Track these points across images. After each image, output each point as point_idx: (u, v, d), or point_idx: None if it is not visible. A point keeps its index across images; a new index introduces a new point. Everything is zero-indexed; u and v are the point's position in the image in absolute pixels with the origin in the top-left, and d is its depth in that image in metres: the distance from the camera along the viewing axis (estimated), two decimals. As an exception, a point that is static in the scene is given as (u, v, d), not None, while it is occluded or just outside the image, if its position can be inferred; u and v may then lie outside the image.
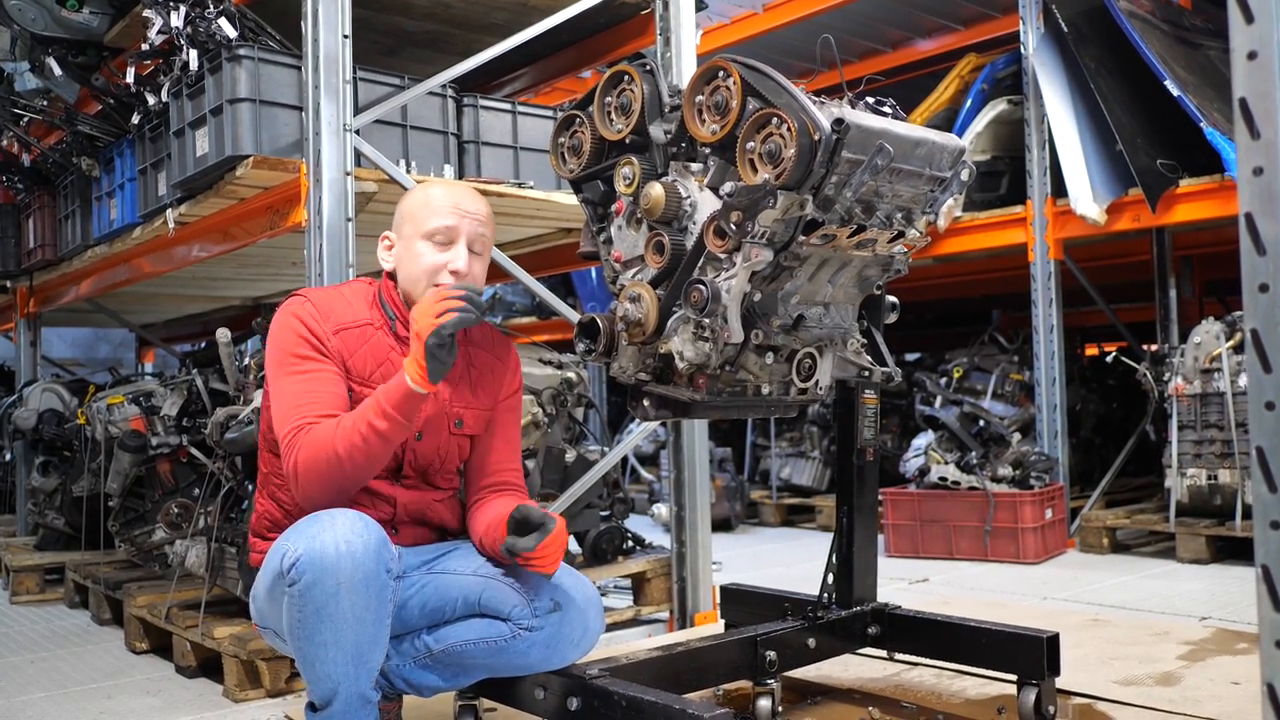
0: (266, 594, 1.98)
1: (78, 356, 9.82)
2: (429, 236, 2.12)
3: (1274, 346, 1.19)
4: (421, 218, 2.13)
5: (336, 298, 2.17)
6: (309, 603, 1.83)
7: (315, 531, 1.85)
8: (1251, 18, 1.21)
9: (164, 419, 3.70)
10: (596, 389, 8.59)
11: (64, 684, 3.22)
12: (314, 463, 1.95)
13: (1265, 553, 1.21)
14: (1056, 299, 5.40)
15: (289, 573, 1.84)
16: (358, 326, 2.13)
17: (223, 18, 3.19)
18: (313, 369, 2.06)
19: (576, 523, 3.91)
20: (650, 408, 2.22)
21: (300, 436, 1.97)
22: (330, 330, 2.09)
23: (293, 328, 2.08)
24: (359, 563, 1.83)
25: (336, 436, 1.95)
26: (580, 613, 2.09)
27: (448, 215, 2.13)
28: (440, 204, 2.14)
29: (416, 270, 2.12)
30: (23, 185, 5.26)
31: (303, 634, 1.86)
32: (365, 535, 1.86)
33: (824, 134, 1.87)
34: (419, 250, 2.12)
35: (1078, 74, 5.18)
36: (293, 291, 2.22)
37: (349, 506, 1.98)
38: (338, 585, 1.82)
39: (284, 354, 2.07)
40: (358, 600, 1.84)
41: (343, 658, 1.87)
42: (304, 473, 1.96)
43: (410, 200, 2.20)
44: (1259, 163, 1.20)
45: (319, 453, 1.95)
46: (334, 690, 1.89)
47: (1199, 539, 4.67)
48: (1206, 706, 2.40)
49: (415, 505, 2.21)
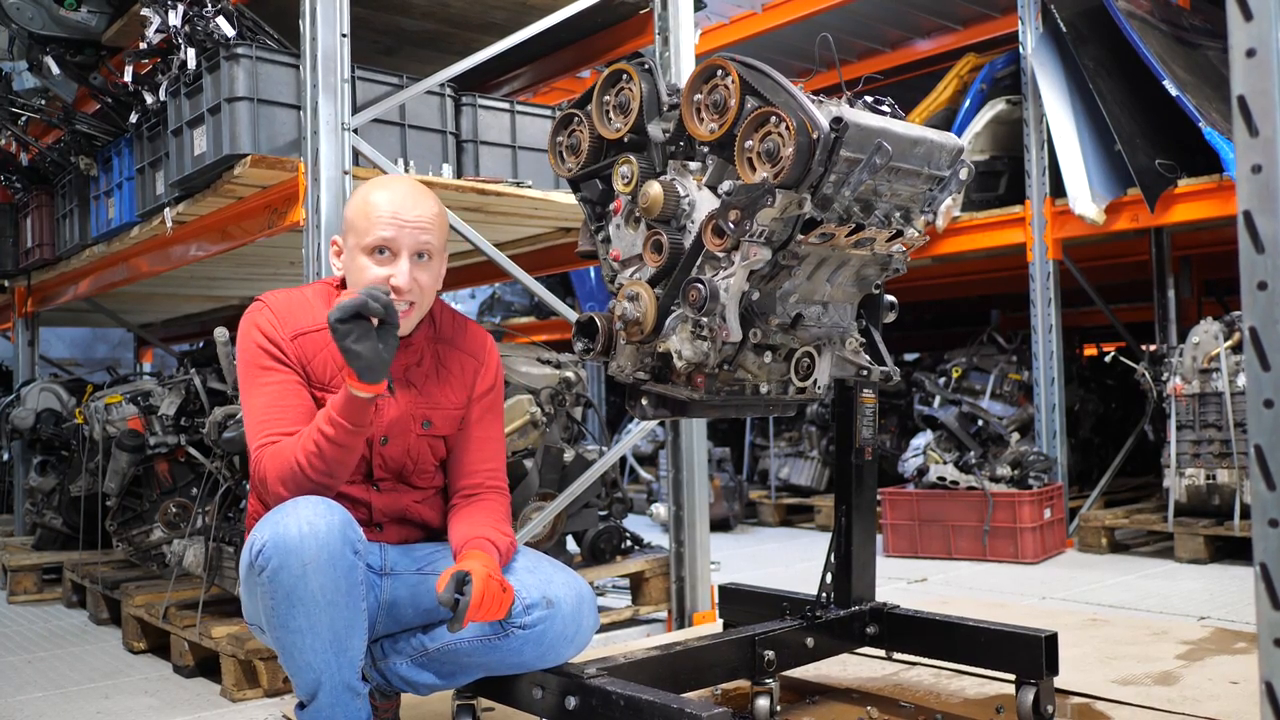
0: (245, 589, 1.99)
1: (76, 356, 9.81)
2: (369, 250, 2.05)
3: (1272, 344, 1.18)
4: (361, 229, 2.06)
5: (297, 302, 2.15)
6: (278, 588, 1.84)
7: (279, 518, 1.87)
8: (1250, 15, 1.21)
9: (162, 418, 3.70)
10: (595, 388, 8.59)
11: (61, 684, 3.22)
12: (280, 475, 1.97)
13: (1264, 550, 1.21)
14: (1055, 299, 5.39)
15: (257, 560, 1.86)
16: (316, 330, 2.10)
17: (221, 16, 3.18)
18: (275, 381, 2.06)
19: (575, 522, 3.91)
20: (648, 407, 2.22)
21: (265, 452, 2.00)
22: (288, 336, 2.09)
23: (252, 338, 2.08)
24: (323, 542, 1.84)
25: (296, 448, 1.96)
26: (573, 610, 2.09)
27: (386, 227, 2.04)
28: (380, 214, 2.05)
29: (359, 285, 2.05)
30: (20, 184, 5.25)
31: (278, 622, 1.87)
32: (328, 515, 1.87)
33: (822, 132, 1.87)
34: (361, 264, 2.06)
35: (1076, 74, 5.18)
36: (256, 296, 2.19)
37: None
38: (304, 566, 1.83)
39: (247, 366, 2.08)
40: (325, 579, 1.84)
41: (320, 644, 1.87)
42: (273, 486, 1.98)
43: (352, 207, 2.13)
44: (1258, 160, 1.20)
45: (283, 466, 1.96)
46: (317, 681, 1.89)
47: (1197, 539, 4.67)
48: (1205, 706, 2.40)
49: (393, 508, 2.20)
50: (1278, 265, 1.18)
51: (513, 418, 3.43)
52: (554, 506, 3.50)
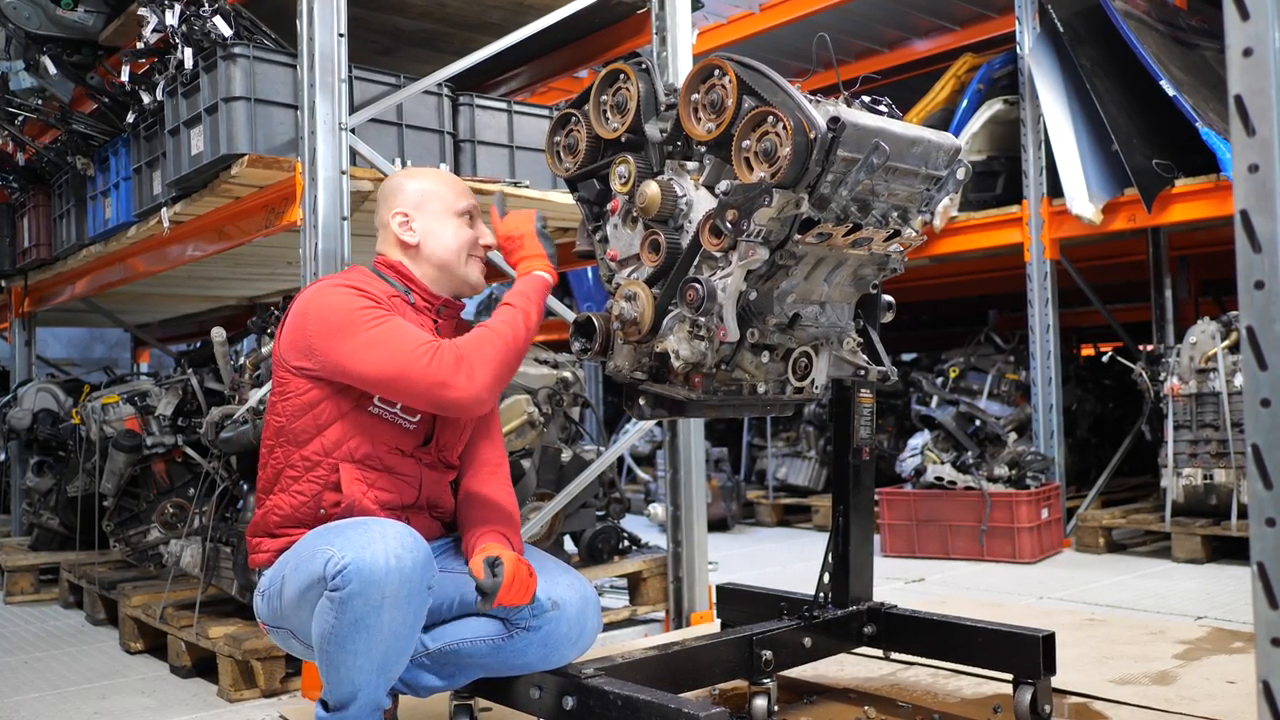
0: (298, 596, 1.94)
1: (73, 356, 9.80)
2: (460, 214, 2.24)
3: (1269, 343, 1.18)
4: (450, 197, 2.24)
5: (365, 277, 2.16)
6: (349, 611, 1.82)
7: (365, 541, 1.83)
8: (1247, 15, 1.21)
9: (159, 419, 3.69)
10: (592, 388, 8.60)
11: (59, 684, 3.21)
12: (483, 353, 1.98)
13: (1260, 549, 1.21)
14: (1052, 299, 5.40)
15: (334, 579, 1.82)
16: (389, 298, 2.12)
17: (218, 16, 3.18)
18: (391, 319, 2.02)
19: (572, 522, 3.90)
20: (646, 407, 2.22)
21: (446, 350, 1.96)
22: (381, 296, 2.08)
23: (349, 296, 2.04)
24: (406, 578, 1.83)
25: (497, 332, 2.03)
26: (578, 612, 2.09)
27: (470, 196, 2.28)
28: (460, 187, 2.29)
29: (455, 244, 2.22)
30: (17, 184, 5.24)
31: (335, 640, 1.85)
32: (415, 551, 1.85)
33: (820, 132, 1.87)
34: (453, 225, 2.23)
35: (1074, 74, 5.19)
36: (304, 287, 2.25)
37: (379, 506, 2.05)
38: (382, 599, 1.82)
39: (354, 313, 2.01)
40: (398, 615, 1.84)
41: (370, 667, 1.87)
42: (481, 374, 1.96)
43: (429, 180, 2.27)
44: (1255, 159, 1.20)
45: (485, 345, 1.99)
46: (354, 695, 1.90)
47: (1194, 538, 4.68)
48: (1202, 705, 2.40)
49: (433, 487, 2.21)
50: (1275, 264, 1.18)
51: (510, 418, 3.43)
52: (552, 506, 3.50)
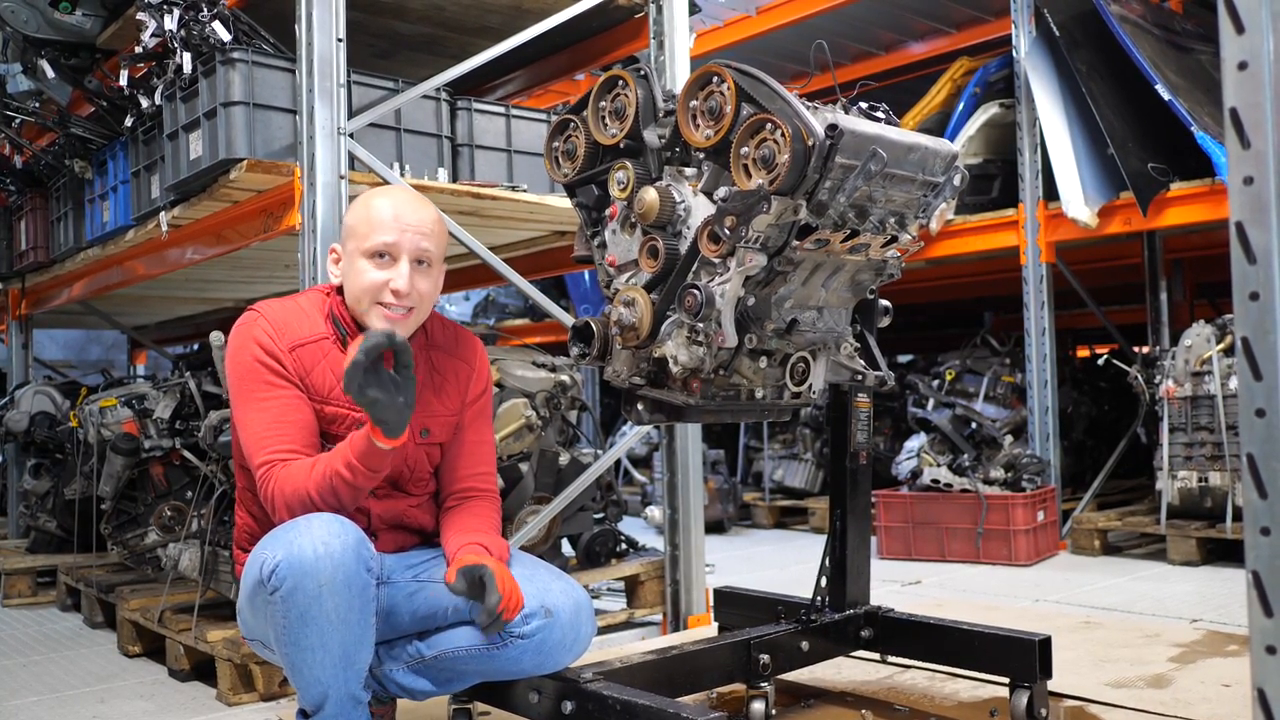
0: (249, 604, 1.97)
1: (70, 359, 9.78)
2: (370, 254, 2.06)
3: (1264, 354, 1.19)
4: (362, 233, 2.08)
5: (292, 311, 2.13)
6: (292, 608, 1.83)
7: (292, 537, 1.85)
8: (1242, 28, 1.22)
9: (156, 421, 3.69)
10: (590, 391, 8.60)
11: (56, 688, 3.21)
12: (289, 502, 1.95)
13: (1255, 558, 1.22)
14: (1048, 301, 5.41)
15: (269, 580, 1.84)
16: (314, 341, 2.09)
17: (216, 21, 3.18)
18: (276, 396, 2.03)
19: (570, 525, 3.91)
20: (644, 411, 2.23)
21: (274, 472, 1.97)
22: (286, 348, 2.06)
23: (250, 352, 2.05)
24: (338, 563, 1.84)
25: (309, 480, 1.94)
26: (571, 619, 2.09)
27: (388, 231, 2.06)
28: (381, 218, 2.07)
29: (358, 289, 2.08)
30: (15, 187, 5.24)
31: (289, 640, 1.86)
32: (343, 535, 1.86)
33: (818, 140, 1.88)
34: (361, 268, 2.07)
35: (1069, 78, 5.20)
36: (249, 305, 2.17)
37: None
38: (319, 588, 1.82)
39: (244, 380, 2.04)
40: (340, 601, 1.84)
41: (330, 661, 1.87)
42: (281, 512, 1.96)
43: (353, 213, 2.14)
44: (1249, 172, 1.21)
45: (295, 492, 1.95)
46: (324, 694, 1.90)
47: (1190, 541, 4.69)
48: (1197, 709, 2.41)
49: (389, 514, 2.19)
50: (1269, 276, 1.19)
51: (508, 421, 3.43)
52: (549, 510, 3.50)
